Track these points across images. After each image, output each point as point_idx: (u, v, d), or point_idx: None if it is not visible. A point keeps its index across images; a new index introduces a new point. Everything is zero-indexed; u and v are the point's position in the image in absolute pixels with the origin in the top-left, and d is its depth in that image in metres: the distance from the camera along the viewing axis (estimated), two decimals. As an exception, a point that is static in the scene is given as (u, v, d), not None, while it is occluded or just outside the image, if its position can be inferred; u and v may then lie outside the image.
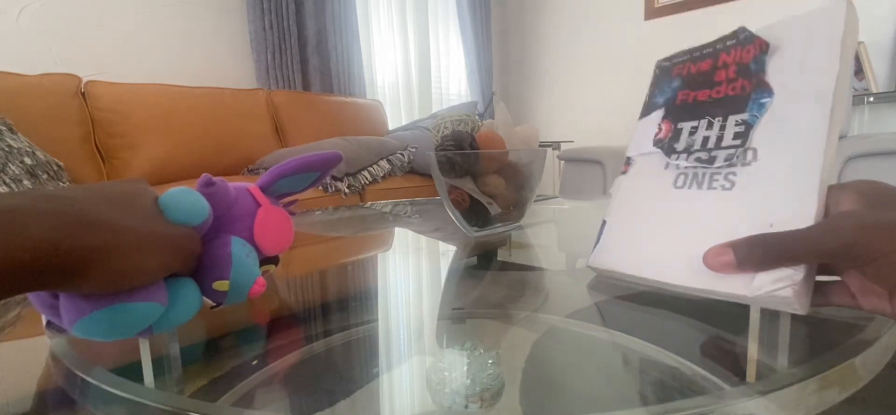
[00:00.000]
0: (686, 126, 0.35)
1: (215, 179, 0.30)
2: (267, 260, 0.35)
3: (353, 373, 0.32)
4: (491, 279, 0.51)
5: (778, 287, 0.24)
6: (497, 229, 0.66)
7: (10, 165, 1.24)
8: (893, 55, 2.05)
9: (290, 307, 0.47)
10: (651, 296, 0.36)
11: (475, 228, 0.64)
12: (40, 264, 0.17)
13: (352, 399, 0.28)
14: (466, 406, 0.24)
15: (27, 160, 1.30)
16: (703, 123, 0.33)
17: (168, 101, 1.78)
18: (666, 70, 0.39)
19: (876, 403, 0.24)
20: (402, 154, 2.02)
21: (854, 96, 2.00)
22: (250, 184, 0.34)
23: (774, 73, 0.30)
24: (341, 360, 0.34)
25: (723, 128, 0.32)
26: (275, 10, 2.20)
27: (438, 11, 3.09)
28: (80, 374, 0.25)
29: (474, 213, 0.63)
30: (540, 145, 0.72)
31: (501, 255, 0.62)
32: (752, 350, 0.30)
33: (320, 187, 1.70)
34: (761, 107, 0.30)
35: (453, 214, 0.64)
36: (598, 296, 0.41)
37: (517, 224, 0.69)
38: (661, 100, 0.38)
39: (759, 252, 0.24)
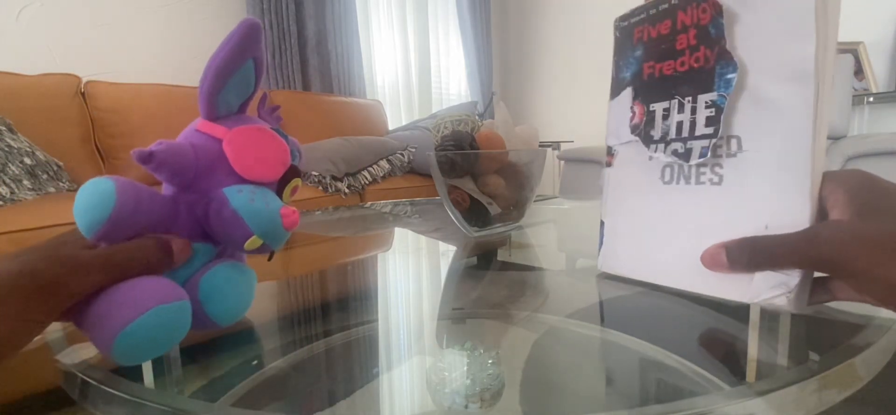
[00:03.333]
0: (658, 108, 0.33)
1: (156, 146, 0.24)
2: (283, 180, 0.29)
3: (353, 373, 0.32)
4: (491, 279, 0.51)
5: (774, 295, 0.25)
6: (497, 229, 0.66)
7: (10, 165, 1.24)
8: (893, 55, 2.05)
9: (291, 307, 0.47)
10: (651, 296, 0.36)
11: (475, 228, 0.64)
12: None
13: (352, 399, 0.28)
14: (466, 406, 0.24)
15: (27, 160, 1.30)
16: (674, 103, 0.32)
17: (168, 101, 1.77)
18: (626, 32, 0.36)
19: (876, 403, 0.24)
20: (402, 154, 2.02)
21: (854, 96, 2.00)
22: (198, 122, 0.28)
23: (739, 41, 0.28)
24: (341, 360, 0.34)
25: (694, 111, 0.30)
26: (275, 10, 2.20)
27: (438, 11, 3.09)
28: (80, 374, 0.25)
29: (474, 213, 0.63)
30: (540, 145, 0.72)
31: (501, 255, 0.62)
32: (752, 350, 0.30)
33: (320, 187, 1.70)
34: (728, 84, 0.28)
35: (453, 214, 0.64)
36: (598, 296, 0.41)
37: (517, 224, 0.69)
38: (627, 75, 0.36)
39: (747, 256, 0.25)
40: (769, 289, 0.26)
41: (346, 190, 1.74)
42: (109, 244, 0.23)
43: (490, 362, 0.27)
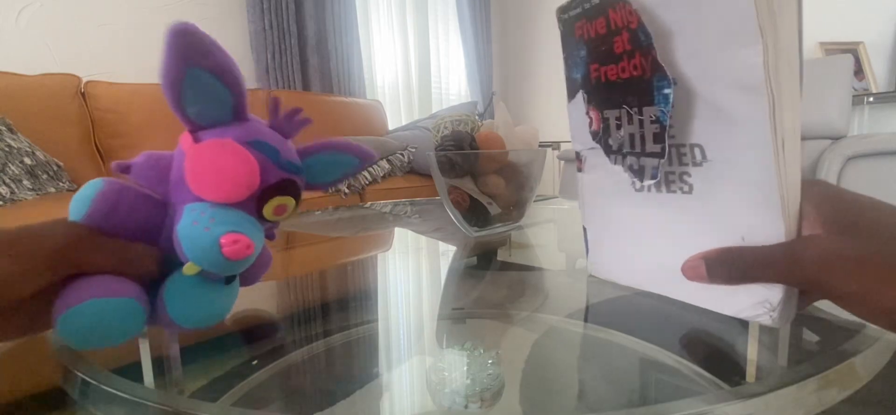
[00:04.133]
0: (611, 116, 0.31)
1: (137, 159, 0.25)
2: (262, 198, 0.27)
3: (353, 373, 0.32)
4: (491, 279, 0.51)
5: (757, 312, 0.25)
6: (497, 229, 0.66)
7: (9, 165, 1.24)
8: (893, 55, 2.05)
9: (290, 307, 0.47)
10: (650, 296, 0.36)
11: (475, 228, 0.64)
12: None
13: (352, 399, 0.28)
14: (466, 406, 0.24)
15: (27, 160, 1.30)
16: (624, 113, 0.30)
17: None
18: (568, 26, 0.33)
19: (876, 403, 0.24)
20: (402, 154, 2.03)
21: (854, 96, 2.00)
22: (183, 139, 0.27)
23: (680, 45, 0.26)
24: (341, 360, 0.34)
25: (642, 124, 0.29)
26: (275, 10, 2.20)
27: (438, 11, 3.10)
28: (80, 374, 0.25)
29: (474, 213, 0.63)
30: (540, 145, 0.72)
31: (501, 255, 0.62)
32: (752, 350, 0.30)
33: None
34: (665, 99, 0.26)
35: (453, 214, 0.64)
36: (598, 296, 0.41)
37: (517, 224, 0.69)
38: (578, 76, 0.34)
39: (727, 269, 0.25)
40: (752, 306, 0.25)
41: (346, 190, 1.74)
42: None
43: (490, 362, 0.27)
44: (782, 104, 0.23)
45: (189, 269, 0.24)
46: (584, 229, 0.38)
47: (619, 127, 0.31)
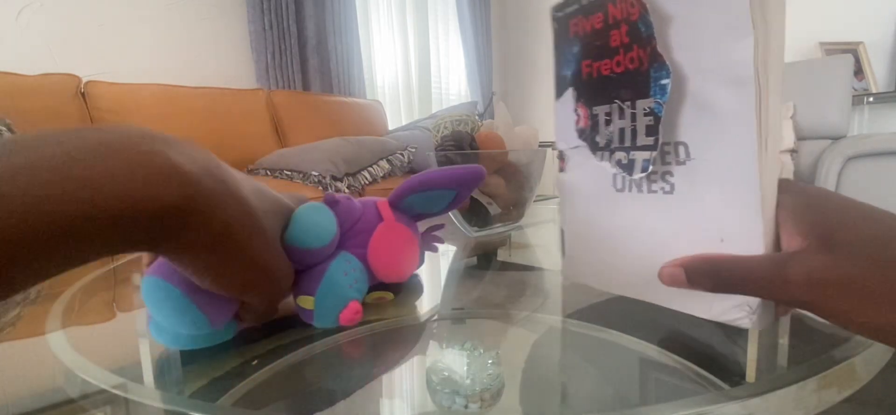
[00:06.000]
0: (601, 112, 0.31)
1: (339, 195, 0.29)
2: (384, 286, 0.32)
3: (354, 373, 0.32)
4: (491, 279, 0.51)
5: (736, 316, 0.25)
6: (497, 229, 0.66)
7: (10, 165, 1.24)
8: (893, 55, 2.05)
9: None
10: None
11: (475, 228, 0.64)
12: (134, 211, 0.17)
13: (352, 399, 0.28)
14: (466, 406, 0.24)
15: (27, 160, 1.30)
16: (615, 108, 0.30)
17: (168, 102, 1.77)
18: (563, 24, 0.33)
19: (876, 403, 0.24)
20: (401, 154, 2.03)
21: (854, 96, 2.00)
22: (380, 198, 0.32)
23: (675, 39, 0.26)
24: (341, 360, 0.34)
25: (634, 118, 0.28)
26: (275, 10, 2.20)
27: (438, 11, 3.10)
28: (81, 374, 0.25)
29: (474, 213, 0.63)
30: (540, 145, 0.72)
31: (501, 255, 0.62)
32: (752, 350, 0.30)
33: (320, 187, 1.70)
34: (663, 90, 0.26)
35: (453, 214, 0.64)
36: (597, 296, 0.41)
37: (517, 224, 0.69)
38: (568, 73, 0.34)
39: (709, 280, 0.24)
40: (731, 309, 0.25)
41: (346, 190, 1.74)
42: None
43: (490, 362, 0.27)
44: (768, 101, 0.23)
45: (305, 302, 0.26)
46: (562, 231, 0.37)
47: (608, 123, 0.30)
